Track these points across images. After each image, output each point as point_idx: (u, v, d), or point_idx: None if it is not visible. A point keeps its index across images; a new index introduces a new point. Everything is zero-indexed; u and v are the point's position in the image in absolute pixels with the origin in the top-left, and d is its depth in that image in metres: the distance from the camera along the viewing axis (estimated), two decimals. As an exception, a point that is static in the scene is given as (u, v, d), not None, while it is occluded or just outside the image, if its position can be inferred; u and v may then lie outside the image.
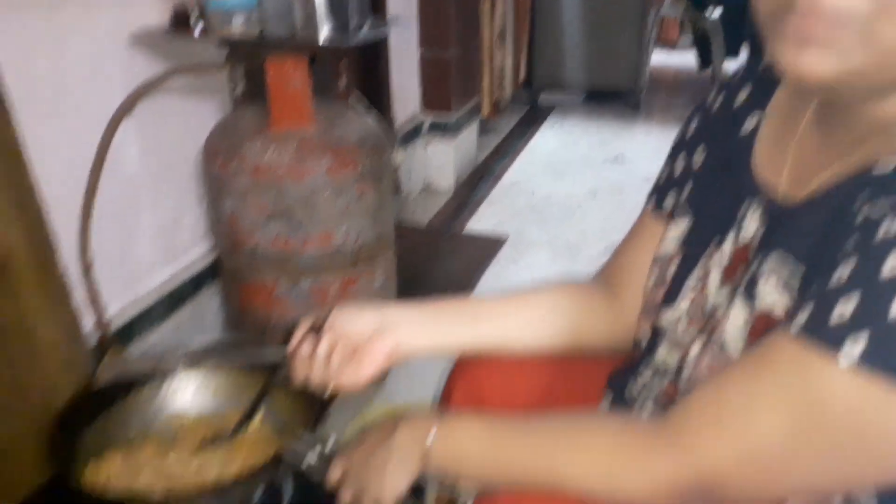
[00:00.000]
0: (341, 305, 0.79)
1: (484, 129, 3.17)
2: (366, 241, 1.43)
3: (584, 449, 0.63)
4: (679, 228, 0.74)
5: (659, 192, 0.79)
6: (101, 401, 0.99)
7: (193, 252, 1.59)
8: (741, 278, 0.63)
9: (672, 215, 0.76)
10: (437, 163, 2.72)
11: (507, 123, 3.50)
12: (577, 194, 2.72)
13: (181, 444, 0.97)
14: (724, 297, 0.66)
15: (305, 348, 0.78)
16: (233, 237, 1.38)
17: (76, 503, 0.91)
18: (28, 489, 1.00)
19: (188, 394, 1.04)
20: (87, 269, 1.22)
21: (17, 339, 1.00)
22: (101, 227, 1.28)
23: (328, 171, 1.32)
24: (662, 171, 0.80)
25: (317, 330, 0.78)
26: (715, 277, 0.68)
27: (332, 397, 0.89)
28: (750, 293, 0.61)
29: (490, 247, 2.29)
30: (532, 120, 3.62)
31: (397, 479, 0.69)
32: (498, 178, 2.91)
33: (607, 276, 0.85)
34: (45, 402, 1.03)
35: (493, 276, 2.20)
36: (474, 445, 0.67)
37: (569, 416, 0.67)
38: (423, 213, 2.56)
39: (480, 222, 2.51)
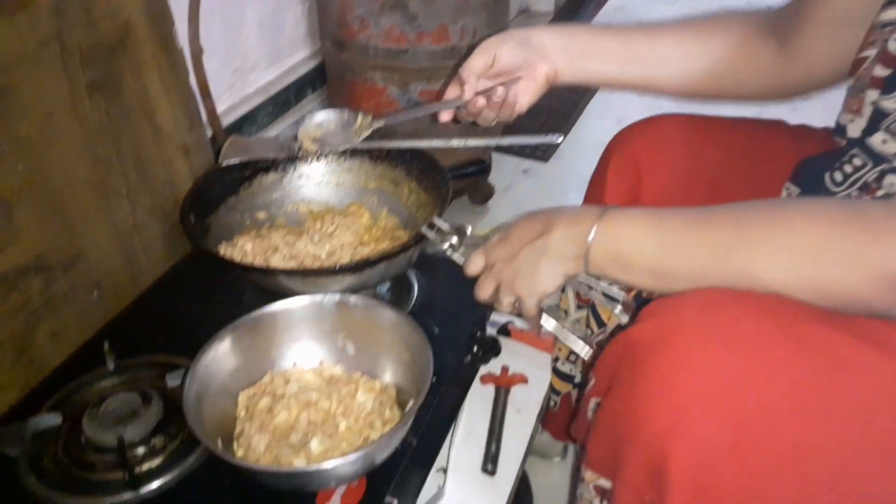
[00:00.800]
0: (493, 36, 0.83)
1: (587, -52, 2.86)
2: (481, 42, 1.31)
3: (787, 238, 0.53)
4: None
5: None
6: (226, 184, 0.96)
7: (297, 55, 1.52)
8: None
9: None
10: (538, -19, 2.50)
11: (611, -57, 3.16)
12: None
13: (310, 229, 0.94)
14: None
15: (472, 69, 0.81)
16: (343, 30, 1.29)
17: (211, 276, 0.92)
18: (159, 271, 1.02)
19: (313, 181, 1.00)
20: (196, 56, 1.16)
21: (140, 117, 0.96)
22: (207, 19, 1.20)
23: (447, -46, 1.19)
24: None
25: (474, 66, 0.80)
26: None
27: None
28: None
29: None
30: (638, -60, 3.25)
31: (550, 279, 0.64)
32: (602, 2, 2.66)
33: (787, 19, 0.73)
34: (170, 186, 1.02)
35: (601, 104, 2.08)
36: (643, 243, 0.59)
37: (758, 202, 0.57)
38: (521, 37, 2.38)
39: (583, 48, 2.32)
